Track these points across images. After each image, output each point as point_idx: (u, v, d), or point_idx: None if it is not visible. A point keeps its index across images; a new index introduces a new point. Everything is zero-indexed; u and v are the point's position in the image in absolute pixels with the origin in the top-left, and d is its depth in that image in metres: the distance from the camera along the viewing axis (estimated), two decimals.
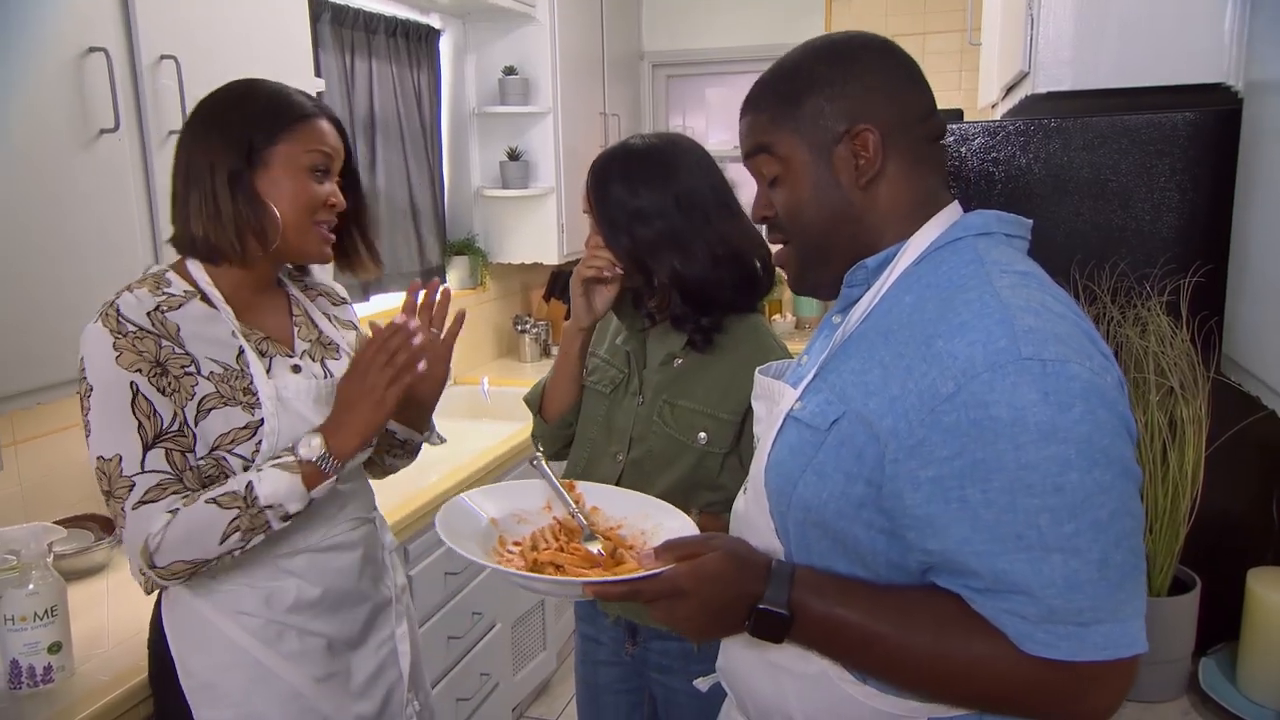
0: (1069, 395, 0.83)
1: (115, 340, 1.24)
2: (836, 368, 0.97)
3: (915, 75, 1.01)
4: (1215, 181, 1.43)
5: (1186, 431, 1.30)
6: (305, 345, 1.44)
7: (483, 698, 2.61)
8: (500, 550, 1.19)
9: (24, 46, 1.56)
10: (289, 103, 1.34)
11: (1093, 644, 0.84)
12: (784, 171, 1.01)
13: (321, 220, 1.37)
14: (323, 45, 2.83)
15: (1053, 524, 0.83)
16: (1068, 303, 0.94)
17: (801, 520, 0.97)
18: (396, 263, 3.28)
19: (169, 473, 1.26)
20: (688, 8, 4.36)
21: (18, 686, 1.45)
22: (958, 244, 0.96)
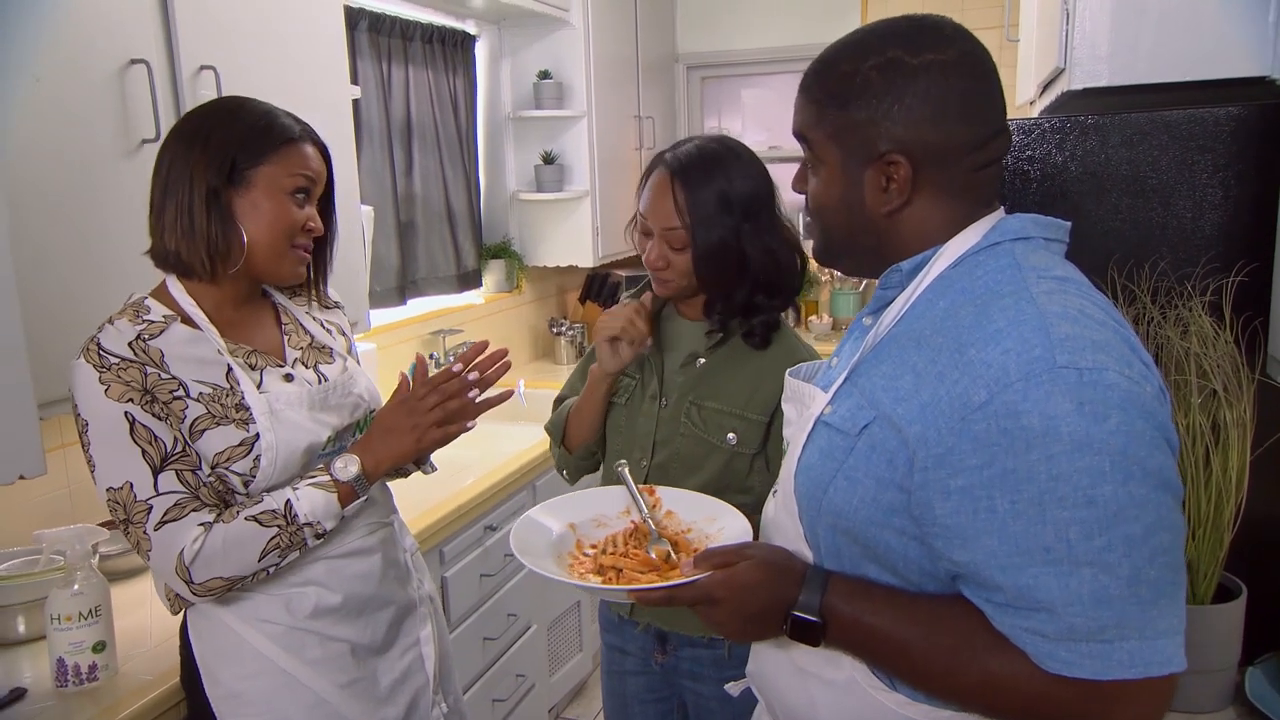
0: (1105, 405, 0.80)
1: (100, 374, 1.25)
2: (868, 372, 0.96)
3: (977, 99, 0.93)
4: (1260, 178, 1.39)
5: (1230, 435, 1.26)
6: (297, 353, 1.44)
7: (518, 699, 2.62)
8: (577, 554, 1.24)
9: (67, 59, 1.59)
10: (276, 125, 1.34)
11: (1118, 662, 0.82)
12: (817, 166, 1.00)
13: (299, 244, 1.37)
14: (360, 53, 2.86)
15: (1083, 537, 0.81)
16: (1107, 309, 0.91)
17: (831, 526, 0.96)
18: (433, 266, 3.30)
19: (184, 491, 1.27)
20: (723, 9, 4.33)
21: (64, 684, 1.48)
22: (995, 249, 0.94)
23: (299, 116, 1.40)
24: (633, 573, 1.15)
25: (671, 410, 1.56)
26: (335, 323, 1.56)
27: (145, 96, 1.71)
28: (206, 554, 1.26)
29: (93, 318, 1.61)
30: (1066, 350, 0.82)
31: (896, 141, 0.93)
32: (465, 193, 3.43)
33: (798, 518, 1.01)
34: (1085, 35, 1.42)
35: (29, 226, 1.54)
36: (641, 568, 1.16)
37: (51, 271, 1.58)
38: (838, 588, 0.95)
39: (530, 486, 2.70)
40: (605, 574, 1.17)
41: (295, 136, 1.35)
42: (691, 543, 1.26)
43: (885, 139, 0.93)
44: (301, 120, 1.39)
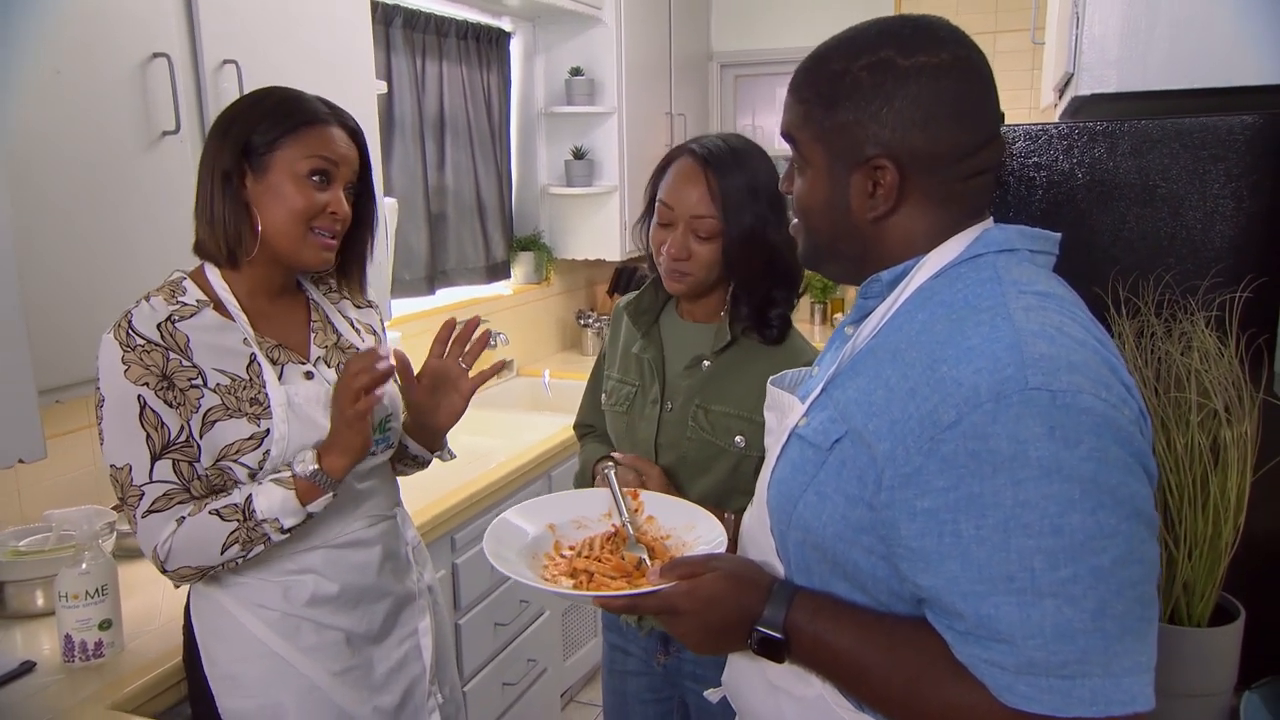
0: (1078, 429, 0.75)
1: (124, 354, 1.25)
2: (843, 384, 0.91)
3: (970, 106, 0.88)
4: (1275, 189, 1.30)
5: (1230, 455, 1.19)
6: (321, 351, 1.42)
7: (529, 683, 2.60)
8: (554, 554, 1.21)
9: (89, 52, 1.59)
10: (294, 108, 1.30)
11: (1079, 699, 0.76)
12: (803, 168, 0.95)
13: (320, 227, 1.32)
14: (394, 48, 2.85)
15: (1048, 567, 0.75)
16: (1090, 326, 0.85)
17: (801, 541, 0.92)
18: (463, 257, 3.29)
19: (175, 483, 1.27)
20: (757, 8, 4.26)
21: (70, 659, 1.49)
22: (977, 261, 0.89)
23: (333, 103, 1.36)
24: (603, 577, 1.12)
25: (677, 414, 1.51)
26: (366, 322, 1.53)
27: (166, 90, 1.70)
28: (175, 548, 1.26)
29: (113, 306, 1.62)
30: (1040, 371, 0.76)
31: (884, 146, 0.87)
32: (496, 186, 3.41)
33: (769, 530, 0.97)
34: (1094, 39, 1.35)
35: (48, 216, 1.54)
36: (613, 573, 1.13)
37: (72, 261, 1.58)
38: (803, 604, 0.91)
39: (547, 476, 2.67)
40: (578, 577, 1.13)
41: (314, 118, 1.30)
42: (669, 549, 1.22)
43: (872, 142, 0.88)
44: (334, 105, 1.35)
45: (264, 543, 1.27)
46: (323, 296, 1.48)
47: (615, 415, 1.60)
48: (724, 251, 1.44)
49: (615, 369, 1.63)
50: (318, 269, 1.39)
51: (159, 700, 1.47)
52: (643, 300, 1.60)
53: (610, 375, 1.64)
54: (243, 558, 1.28)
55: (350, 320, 1.50)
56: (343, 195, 1.33)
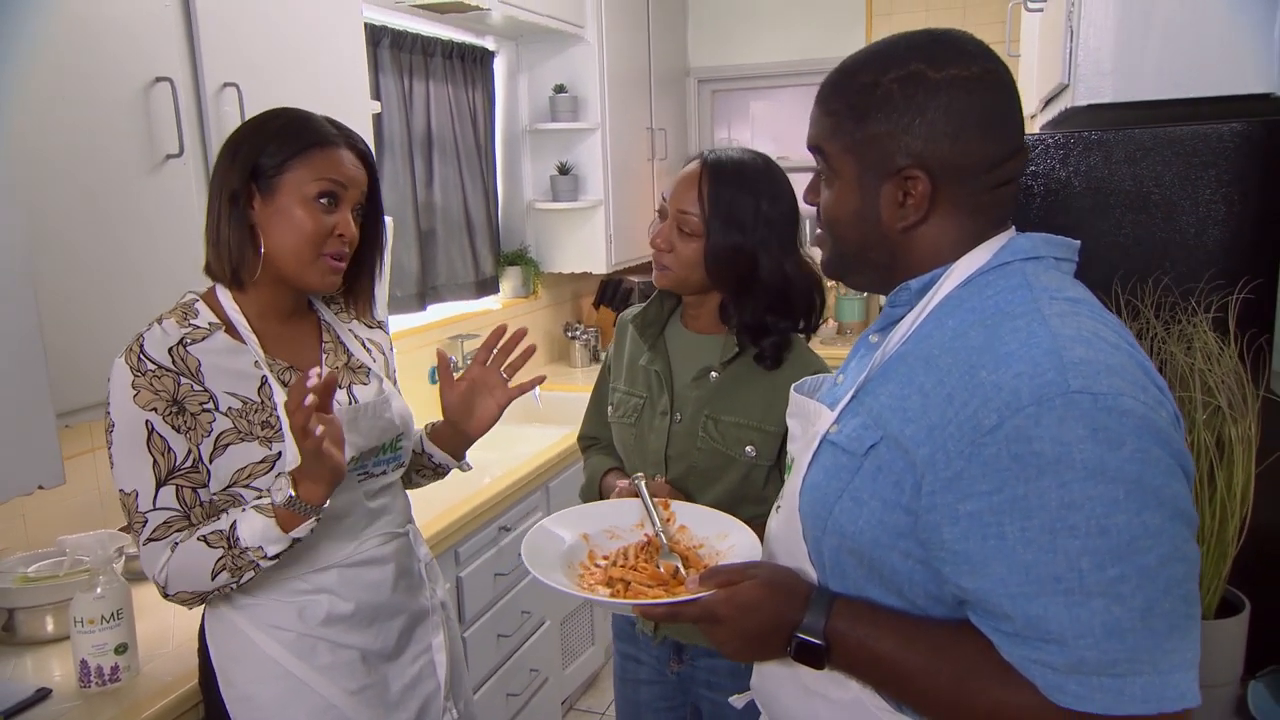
0: (1120, 431, 0.75)
1: (134, 379, 1.22)
2: (874, 391, 0.91)
3: (997, 118, 0.88)
4: (1264, 194, 1.33)
5: (1235, 451, 1.21)
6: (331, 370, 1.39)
7: (532, 693, 2.58)
8: (589, 564, 1.21)
9: (93, 76, 1.56)
10: (303, 129, 1.28)
11: (1131, 697, 0.76)
12: (831, 179, 0.94)
13: (330, 251, 1.29)
14: (382, 69, 2.83)
15: (1095, 568, 0.75)
16: (1121, 331, 0.86)
17: (837, 547, 0.91)
18: (453, 273, 3.27)
19: (177, 510, 1.24)
20: (732, 25, 4.28)
21: (87, 685, 1.45)
22: (1005, 268, 0.89)
23: (344, 125, 1.34)
24: (640, 586, 1.11)
25: (686, 425, 1.51)
26: (377, 342, 1.51)
27: (170, 113, 1.68)
28: (171, 574, 1.24)
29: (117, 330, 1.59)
30: (1080, 375, 0.77)
31: (915, 156, 0.87)
32: (483, 202, 3.40)
33: (802, 536, 0.96)
34: (1090, 51, 1.37)
35: (55, 239, 1.52)
36: (649, 581, 1.13)
37: (78, 284, 1.55)
38: (842, 611, 0.90)
39: (544, 488, 2.66)
40: (614, 586, 1.13)
41: (322, 140, 1.28)
42: (702, 558, 1.21)
43: (904, 153, 0.88)
44: (343, 127, 1.33)
45: (253, 570, 1.23)
46: (334, 317, 1.46)
47: (623, 427, 1.59)
48: (706, 255, 1.45)
49: (622, 381, 1.62)
50: (325, 291, 1.36)
51: None
52: (648, 313, 1.60)
53: (616, 388, 1.63)
54: (235, 584, 1.24)
55: (362, 340, 1.48)
56: (350, 217, 1.31)
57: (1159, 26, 1.33)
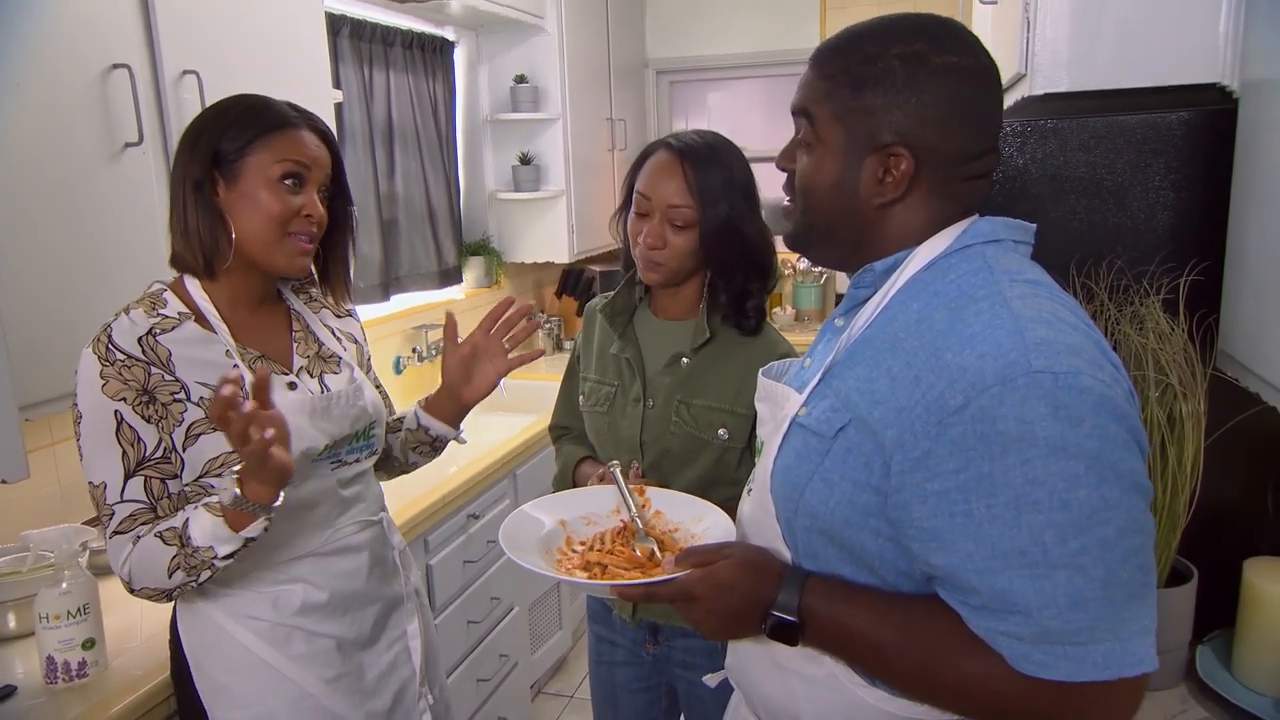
0: (1080, 409, 0.77)
1: (103, 369, 1.19)
2: (842, 374, 0.91)
3: (985, 113, 0.90)
4: (1210, 180, 1.36)
5: (1185, 427, 1.24)
6: (303, 361, 1.37)
7: (502, 678, 2.57)
8: (566, 549, 1.20)
9: (49, 64, 1.51)
10: (262, 113, 1.25)
11: (1093, 663, 0.78)
12: (814, 145, 0.93)
13: (296, 231, 1.27)
14: (342, 58, 2.77)
15: (1058, 541, 0.77)
16: (1078, 312, 0.88)
17: (809, 527, 0.92)
18: (415, 263, 3.23)
19: (143, 503, 1.21)
20: (689, 17, 4.28)
21: (54, 681, 1.41)
22: (967, 251, 0.90)
23: (301, 107, 1.31)
24: (617, 569, 1.11)
25: (659, 411, 1.51)
26: (348, 331, 1.48)
27: (128, 101, 1.63)
28: (133, 570, 1.20)
29: (78, 320, 1.55)
30: (1041, 354, 0.78)
31: (903, 135, 0.88)
32: (445, 192, 3.35)
33: (775, 517, 0.97)
34: (1046, 43, 1.39)
35: (12, 230, 1.46)
36: (626, 564, 1.12)
37: (36, 274, 1.50)
38: (815, 588, 0.91)
39: (511, 475, 2.64)
40: (591, 570, 1.13)
41: (282, 123, 1.25)
42: (678, 541, 1.22)
43: (892, 130, 0.88)
44: (303, 109, 1.30)
45: (209, 570, 1.17)
46: (304, 306, 1.43)
47: (596, 415, 1.59)
48: (700, 242, 1.44)
49: (592, 370, 1.61)
50: (296, 274, 1.33)
51: (148, 717, 1.41)
52: (617, 301, 1.59)
53: (587, 377, 1.62)
54: (194, 583, 1.19)
55: (331, 329, 1.45)
56: (317, 198, 1.29)
57: (1112, 19, 1.36)
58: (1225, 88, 1.35)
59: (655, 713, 1.70)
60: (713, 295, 1.51)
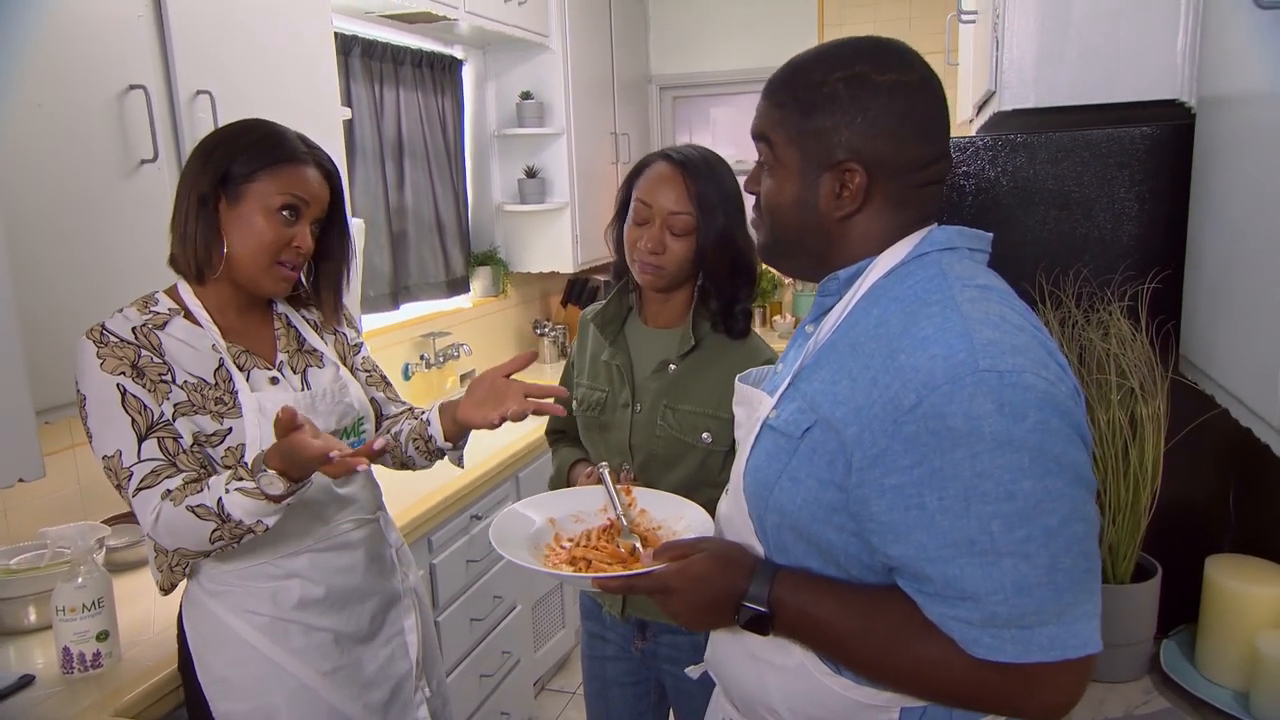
0: (1024, 405, 0.79)
1: (99, 350, 1.24)
2: (809, 377, 0.94)
3: (931, 123, 0.93)
4: (1171, 192, 1.39)
5: (1146, 429, 1.26)
6: (284, 356, 1.41)
7: (504, 674, 2.60)
8: (554, 545, 1.24)
9: (68, 85, 1.56)
10: (275, 144, 1.31)
11: (1038, 646, 0.81)
12: (775, 167, 0.97)
13: (284, 260, 1.32)
14: (353, 76, 2.83)
15: (1005, 530, 0.80)
16: (1026, 315, 0.91)
17: (778, 524, 0.95)
18: (424, 273, 3.28)
19: (162, 459, 1.24)
20: (692, 34, 4.33)
21: (70, 671, 1.45)
22: (923, 259, 0.93)
23: (314, 143, 1.36)
24: (600, 564, 1.15)
25: (646, 415, 1.54)
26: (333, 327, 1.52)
27: (144, 120, 1.68)
28: (162, 530, 1.22)
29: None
30: (988, 355, 0.81)
31: (854, 151, 0.91)
32: (453, 205, 3.40)
33: (747, 514, 0.99)
34: (1013, 60, 1.42)
35: (32, 243, 1.51)
36: (609, 559, 1.16)
37: (57, 284, 1.55)
38: (784, 580, 0.94)
39: (514, 478, 2.68)
40: (577, 564, 1.16)
41: (292, 157, 1.30)
42: (660, 538, 1.24)
43: (844, 148, 0.91)
44: (314, 145, 1.36)
45: (253, 533, 1.23)
46: (287, 306, 1.47)
47: (589, 420, 1.62)
48: (698, 250, 1.48)
49: (585, 376, 1.65)
50: (277, 296, 1.39)
51: (158, 706, 1.44)
52: (608, 310, 1.62)
53: (580, 383, 1.65)
54: (236, 543, 1.24)
55: (314, 324, 1.49)
56: (307, 230, 1.34)
57: (1075, 38, 1.39)
58: (1184, 104, 1.37)
59: (644, 706, 1.72)
60: (703, 301, 1.54)
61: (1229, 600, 1.28)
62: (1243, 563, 1.31)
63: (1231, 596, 1.27)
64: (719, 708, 1.16)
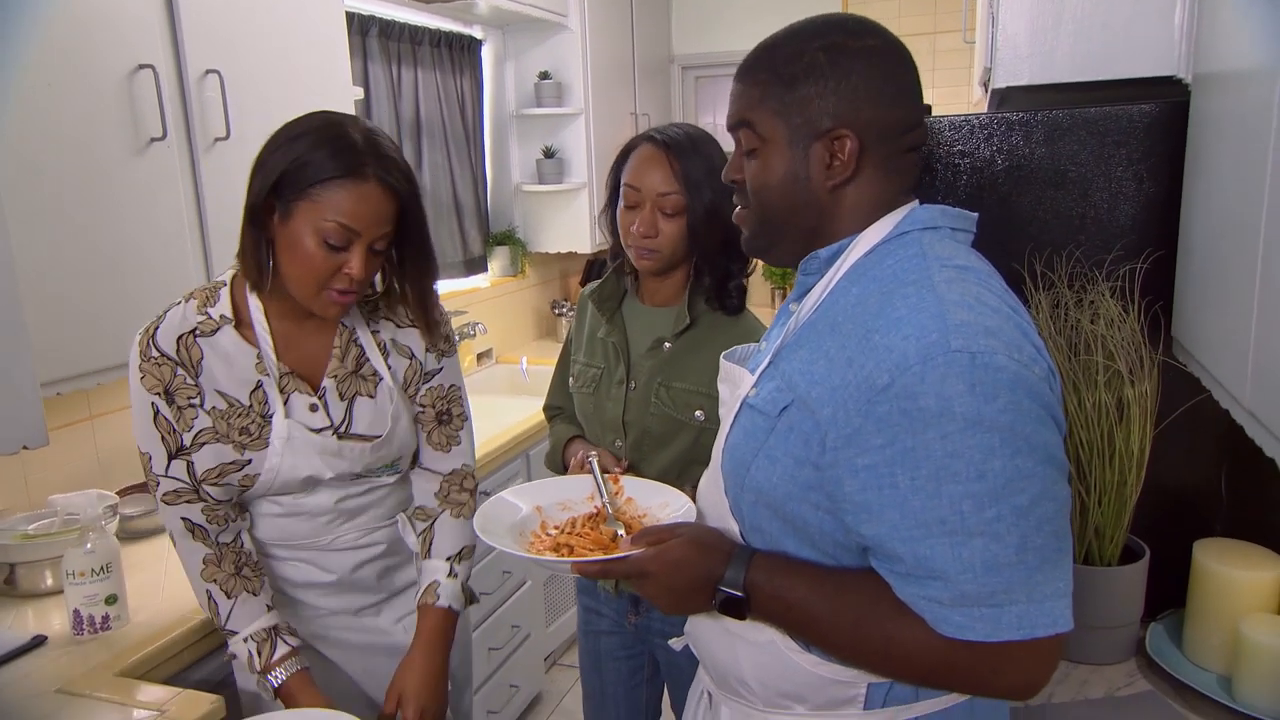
0: (995, 386, 0.79)
1: (141, 363, 1.25)
2: (788, 356, 0.94)
3: (911, 86, 0.94)
4: (1169, 171, 1.36)
5: (1133, 411, 1.25)
6: (332, 381, 1.32)
7: (514, 647, 2.64)
8: (540, 533, 1.23)
9: (78, 64, 1.60)
10: (333, 156, 1.15)
11: (1007, 624, 0.81)
12: (760, 148, 0.96)
13: (335, 288, 1.20)
14: (371, 57, 2.85)
15: (975, 510, 0.80)
16: (1005, 296, 0.90)
17: (754, 501, 0.95)
18: (443, 253, 3.30)
19: (185, 483, 1.29)
20: (714, 13, 4.28)
21: (80, 632, 1.50)
22: (904, 238, 0.92)
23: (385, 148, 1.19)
24: (583, 549, 1.15)
25: (640, 392, 1.55)
26: (405, 343, 1.38)
27: (153, 99, 1.71)
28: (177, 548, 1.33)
29: (108, 302, 1.65)
30: (960, 335, 0.81)
31: (842, 118, 0.91)
32: (472, 185, 3.42)
33: (724, 492, 1.00)
34: (1009, 36, 1.39)
35: (47, 218, 1.56)
36: (591, 545, 1.16)
37: (69, 259, 1.60)
38: (760, 564, 0.94)
39: (524, 455, 2.71)
40: (560, 551, 1.16)
41: (353, 171, 1.15)
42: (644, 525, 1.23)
43: (831, 116, 0.91)
44: (386, 154, 1.18)
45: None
46: (358, 315, 1.35)
47: (583, 396, 1.63)
48: (689, 227, 1.47)
49: (582, 353, 1.66)
50: (331, 319, 1.29)
51: (164, 668, 1.49)
52: (605, 288, 1.63)
53: (577, 360, 1.66)
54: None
55: (383, 343, 1.37)
56: (362, 256, 1.19)
57: (1070, 13, 1.36)
58: (1181, 80, 1.34)
59: (638, 679, 1.74)
60: (697, 279, 1.54)
61: (1215, 584, 1.26)
62: (1231, 547, 1.29)
63: (1218, 580, 1.26)
64: (699, 680, 1.18)
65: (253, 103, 1.92)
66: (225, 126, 1.85)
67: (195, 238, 1.82)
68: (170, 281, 1.76)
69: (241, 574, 1.34)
